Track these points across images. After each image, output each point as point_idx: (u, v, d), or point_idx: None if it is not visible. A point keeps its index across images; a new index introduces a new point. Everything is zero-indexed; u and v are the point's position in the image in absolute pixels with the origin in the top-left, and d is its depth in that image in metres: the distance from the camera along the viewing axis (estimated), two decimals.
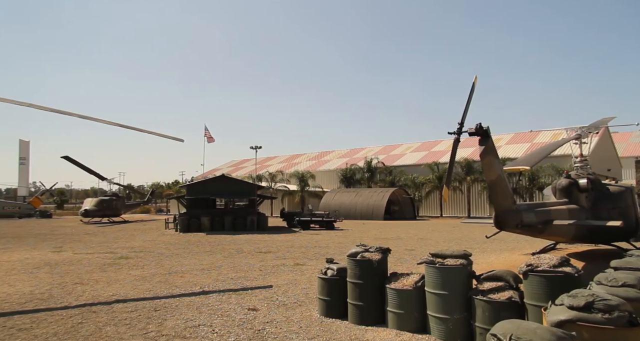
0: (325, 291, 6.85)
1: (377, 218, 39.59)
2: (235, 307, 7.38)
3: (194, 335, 5.87)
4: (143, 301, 7.89)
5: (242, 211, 29.31)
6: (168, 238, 21.71)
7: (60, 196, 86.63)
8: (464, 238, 20.84)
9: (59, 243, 19.28)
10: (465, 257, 5.71)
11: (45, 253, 15.44)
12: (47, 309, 7.36)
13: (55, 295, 8.43)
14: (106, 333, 5.94)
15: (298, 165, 63.23)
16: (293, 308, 7.30)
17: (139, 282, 9.74)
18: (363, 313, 6.33)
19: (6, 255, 15.24)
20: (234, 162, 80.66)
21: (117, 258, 14.00)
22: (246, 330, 6.06)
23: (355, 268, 6.47)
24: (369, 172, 50.82)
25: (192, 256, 14.47)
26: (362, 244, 6.95)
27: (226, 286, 9.21)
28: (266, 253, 15.20)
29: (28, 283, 9.78)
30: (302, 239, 20.81)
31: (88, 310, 7.24)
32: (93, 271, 11.26)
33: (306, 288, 8.99)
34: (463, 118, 8.85)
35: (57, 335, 5.90)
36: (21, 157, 64.42)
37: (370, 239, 20.33)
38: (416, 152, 56.09)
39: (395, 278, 6.36)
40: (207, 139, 55.93)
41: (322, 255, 14.49)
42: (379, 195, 42.06)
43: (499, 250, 15.63)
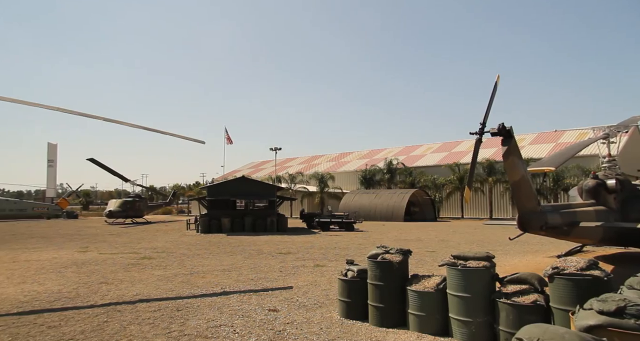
0: (345, 292, 6.83)
1: (397, 219, 39.31)
2: (255, 308, 7.42)
3: (215, 335, 5.93)
4: (166, 301, 8.01)
5: (262, 212, 29.49)
6: (189, 239, 22.01)
7: (85, 197, 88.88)
8: (485, 240, 20.49)
9: (85, 244, 19.76)
10: (488, 259, 5.61)
11: (72, 253, 15.85)
12: (75, 307, 7.55)
13: (81, 294, 8.64)
14: (130, 332, 6.05)
15: (317, 167, 63.31)
16: (313, 310, 7.30)
17: (162, 282, 9.89)
18: (384, 315, 6.29)
19: (36, 254, 15.71)
20: (254, 164, 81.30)
21: (140, 258, 14.27)
22: (267, 331, 6.09)
23: (376, 269, 6.43)
24: (389, 173, 50.49)
25: (213, 257, 14.63)
26: (382, 246, 6.90)
27: (247, 287, 9.27)
28: (286, 254, 15.26)
29: (56, 282, 10.05)
30: (321, 240, 20.82)
31: (113, 309, 7.39)
32: (117, 271, 11.50)
33: (326, 289, 8.98)
34: (485, 118, 8.71)
35: (84, 332, 6.05)
36: (49, 160, 66.30)
37: (391, 240, 20.19)
38: (437, 153, 55.48)
39: (416, 280, 6.29)
40: (227, 141, 56.54)
41: (342, 256, 14.46)
42: (399, 196, 41.75)
43: (523, 252, 15.31)
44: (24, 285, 9.73)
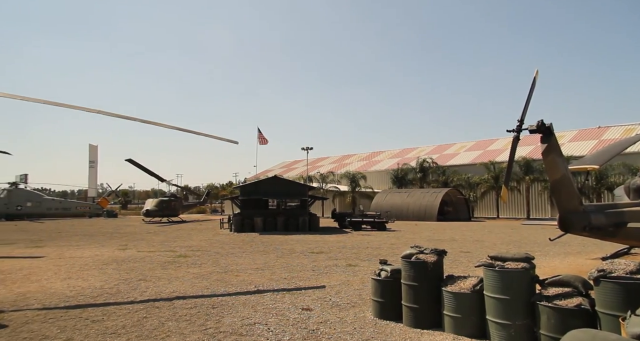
0: (379, 292, 6.78)
1: (429, 219, 38.73)
2: (289, 307, 7.47)
3: (250, 332, 6.01)
4: (201, 298, 8.18)
5: (294, 211, 29.69)
6: (223, 238, 22.43)
7: (124, 197, 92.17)
8: (523, 241, 19.88)
9: (124, 242, 20.48)
10: (527, 260, 5.42)
11: (113, 251, 16.46)
12: (116, 303, 7.83)
13: (122, 290, 8.95)
14: (168, 328, 6.22)
15: (349, 166, 63.16)
16: (346, 309, 7.29)
17: (197, 280, 10.11)
18: (418, 316, 6.20)
19: (79, 251, 16.41)
20: (285, 163, 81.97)
21: (176, 256, 14.64)
22: (300, 330, 6.12)
23: (410, 270, 6.35)
24: (421, 172, 49.81)
25: (247, 255, 14.84)
26: (416, 245, 6.80)
27: (280, 286, 9.35)
28: (318, 253, 15.30)
29: (98, 278, 10.46)
30: (353, 240, 20.76)
31: (151, 305, 7.61)
32: (155, 269, 11.84)
33: (359, 289, 8.94)
34: (523, 115, 8.44)
35: (125, 327, 6.26)
36: (90, 161, 69.13)
37: (424, 240, 19.90)
38: (470, 151, 54.26)
39: (451, 281, 6.17)
40: (259, 141, 57.20)
41: (375, 256, 14.37)
42: (432, 196, 41.12)
43: (563, 253, 14.76)
44: (70, 280, 10.18)
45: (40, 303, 7.88)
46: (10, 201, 47.28)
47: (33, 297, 8.34)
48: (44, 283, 9.81)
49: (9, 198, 47.39)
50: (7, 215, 46.50)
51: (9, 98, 9.78)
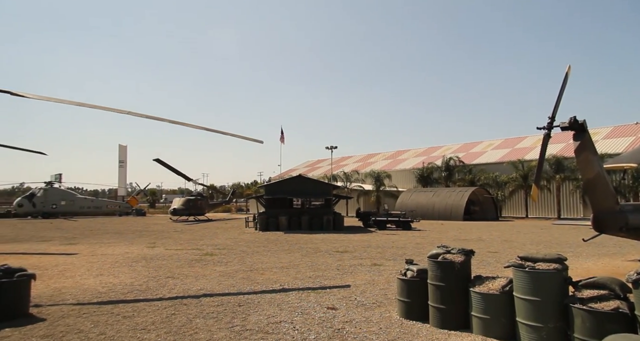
0: (405, 292, 6.70)
1: (456, 218, 38.11)
2: (314, 305, 7.48)
3: (276, 331, 6.04)
4: (228, 296, 8.28)
5: (319, 210, 29.73)
6: (248, 237, 22.66)
7: (152, 196, 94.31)
8: (554, 241, 19.32)
9: (153, 240, 20.95)
10: (559, 261, 5.25)
11: (142, 249, 16.86)
12: (145, 300, 8.01)
13: (151, 287, 9.15)
14: (196, 325, 6.32)
15: (373, 165, 62.78)
16: (372, 309, 7.24)
17: (224, 278, 10.25)
18: (445, 316, 6.10)
19: (110, 248, 16.89)
20: (310, 162, 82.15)
21: (203, 254, 14.87)
22: (326, 329, 6.11)
23: (437, 270, 6.25)
24: (447, 170, 49.02)
25: (272, 254, 14.95)
26: (443, 245, 6.69)
27: (305, 285, 9.37)
28: (343, 252, 15.26)
29: (129, 275, 10.73)
30: (378, 239, 20.63)
31: (179, 303, 7.75)
32: (182, 267, 12.06)
33: (384, 288, 8.87)
34: (554, 111, 8.18)
35: (155, 323, 6.40)
36: (120, 160, 71.05)
37: (450, 240, 19.59)
38: (498, 149, 53.06)
39: (479, 281, 6.04)
40: (281, 140, 57.55)
41: (400, 255, 14.24)
42: (458, 195, 40.44)
43: (598, 254, 14.26)
44: (102, 277, 10.49)
45: (75, 298, 8.14)
46: (46, 200, 49.10)
47: (68, 292, 8.63)
48: (78, 279, 10.14)
49: (45, 197, 49.22)
50: (44, 213, 48.33)
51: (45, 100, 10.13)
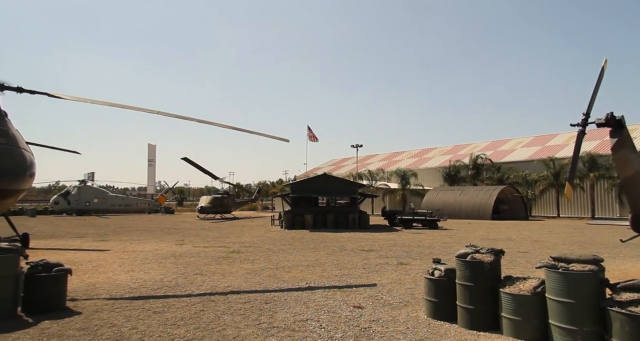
0: (432, 292, 6.62)
1: (484, 217, 37.37)
2: (340, 304, 7.47)
3: (302, 328, 6.07)
4: (255, 293, 8.38)
5: (344, 209, 29.69)
6: (274, 235, 22.84)
7: (180, 194, 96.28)
8: (588, 242, 18.70)
9: (181, 237, 21.39)
10: (595, 262, 5.08)
11: (170, 246, 17.24)
12: (174, 296, 8.19)
13: (180, 284, 9.34)
14: (224, 321, 6.42)
15: (399, 163, 62.21)
16: (399, 308, 7.18)
17: (250, 275, 10.36)
18: (474, 317, 5.99)
19: (140, 245, 17.34)
20: (335, 161, 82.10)
21: (230, 252, 15.09)
22: (352, 327, 6.10)
23: (465, 269, 6.14)
24: (475, 169, 48.11)
25: (297, 252, 15.02)
26: (472, 244, 6.58)
27: (331, 283, 9.38)
28: (369, 251, 15.20)
29: (158, 271, 10.99)
30: (404, 238, 20.45)
31: (207, 299, 7.89)
32: (210, 264, 12.27)
33: (411, 288, 8.79)
34: (589, 107, 7.91)
35: (184, 319, 6.53)
36: (149, 159, 72.94)
37: (478, 240, 19.22)
38: (528, 147, 51.69)
39: (510, 282, 5.90)
40: (309, 139, 57.58)
41: (427, 254, 14.07)
42: (486, 194, 39.64)
43: (637, 256, 13.73)
44: (133, 273, 10.78)
45: (108, 293, 8.40)
46: (80, 197, 50.86)
47: (101, 287, 8.92)
48: (110, 275, 10.46)
49: (79, 195, 50.99)
50: (78, 210, 50.11)
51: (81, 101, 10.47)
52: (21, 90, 11.45)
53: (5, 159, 10.65)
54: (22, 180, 11.25)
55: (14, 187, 11.05)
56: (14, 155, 10.99)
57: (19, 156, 11.18)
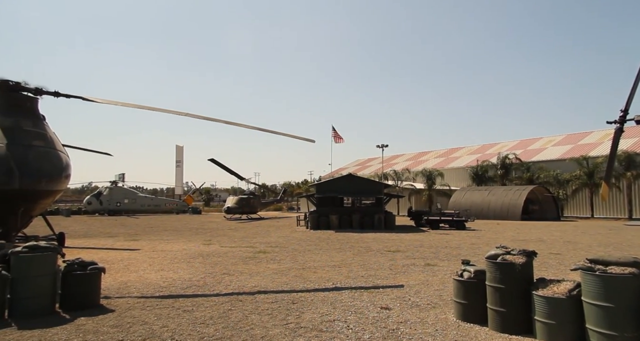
0: (461, 294, 6.50)
1: (513, 218, 36.47)
2: (367, 305, 7.43)
3: (330, 329, 6.06)
4: (281, 293, 8.41)
5: (369, 209, 29.53)
6: (300, 235, 22.91)
7: (207, 194, 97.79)
8: (625, 243, 17.99)
9: (208, 237, 21.72)
10: (636, 265, 4.86)
11: (198, 245, 17.52)
12: (203, 295, 8.32)
13: (208, 283, 9.48)
14: (252, 321, 6.47)
15: (425, 163, 61.45)
16: (427, 310, 7.08)
17: (277, 276, 10.42)
18: (505, 320, 5.84)
19: (169, 245, 17.70)
20: (360, 161, 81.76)
21: (256, 252, 15.22)
22: (380, 329, 6.05)
23: (496, 271, 6.00)
24: (503, 168, 47.00)
25: (323, 252, 15.02)
26: (502, 246, 6.42)
27: (357, 284, 9.33)
28: (395, 252, 15.06)
29: (187, 271, 11.19)
30: (431, 239, 20.17)
31: (235, 299, 7.97)
32: (237, 264, 12.41)
33: (439, 289, 8.66)
34: (628, 104, 7.61)
35: (213, 318, 6.63)
36: (177, 160, 74.28)
37: (507, 241, 18.76)
38: (559, 146, 50.15)
39: (543, 284, 5.73)
40: (334, 139, 57.52)
41: (454, 256, 13.84)
42: (515, 194, 38.67)
43: None
44: (163, 272, 11.01)
45: (139, 291, 8.61)
46: (111, 198, 52.38)
47: (133, 286, 9.14)
48: (141, 274, 10.71)
49: (111, 195, 52.51)
50: (109, 210, 51.62)
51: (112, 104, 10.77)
52: (58, 94, 11.90)
53: (43, 161, 11.07)
54: (59, 181, 11.67)
55: (52, 188, 11.47)
56: (51, 158, 11.41)
57: (56, 158, 11.60)
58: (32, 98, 12.13)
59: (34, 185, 10.79)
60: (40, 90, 11.94)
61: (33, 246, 7.13)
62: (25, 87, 11.86)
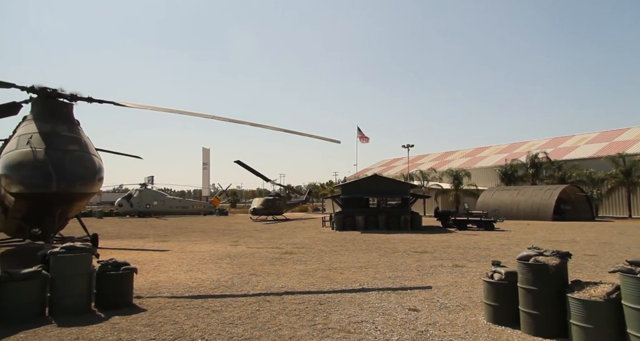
0: (492, 296, 6.36)
1: (544, 218, 35.49)
2: (395, 306, 7.36)
3: (357, 330, 6.03)
4: (308, 294, 8.43)
5: (395, 210, 29.30)
6: (325, 236, 22.92)
7: (233, 196, 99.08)
8: None
9: (235, 238, 21.99)
10: None
11: (225, 246, 17.76)
12: (231, 295, 8.42)
13: (236, 284, 9.60)
14: (279, 322, 6.51)
15: (451, 163, 60.54)
16: (456, 312, 6.96)
17: (304, 276, 10.45)
18: (539, 323, 5.69)
19: (197, 246, 18.01)
20: (385, 161, 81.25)
21: (282, 253, 15.31)
22: (409, 331, 5.99)
23: (528, 273, 5.85)
24: (533, 167, 45.79)
25: (349, 253, 14.98)
26: (534, 246, 6.25)
27: (384, 285, 9.26)
28: (422, 253, 14.88)
29: (215, 271, 11.36)
30: (459, 239, 19.83)
31: (263, 299, 8.04)
32: (264, 264, 12.51)
33: (468, 291, 8.50)
34: None
35: (241, 318, 6.70)
36: (204, 163, 75.65)
37: (539, 241, 18.25)
38: (593, 144, 48.51)
39: (578, 286, 5.54)
40: (360, 140, 57.34)
41: (483, 257, 13.57)
42: (546, 193, 37.61)
43: None
44: (191, 272, 11.21)
45: (169, 291, 8.79)
46: (141, 200, 53.74)
47: (163, 286, 9.35)
48: (171, 274, 10.94)
49: (140, 197, 53.88)
50: (139, 212, 52.95)
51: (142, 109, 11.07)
52: (91, 100, 12.32)
53: (77, 165, 11.46)
54: (93, 184, 12.05)
55: (86, 190, 11.86)
56: (85, 161, 11.79)
57: (90, 162, 11.99)
58: (68, 104, 12.59)
59: (70, 188, 11.17)
60: (75, 96, 12.38)
61: (70, 247, 7.41)
62: (62, 94, 12.33)
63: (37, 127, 11.71)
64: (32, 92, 12.05)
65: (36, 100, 12.36)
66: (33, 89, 11.98)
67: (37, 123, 11.88)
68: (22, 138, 11.46)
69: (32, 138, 11.27)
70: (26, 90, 11.90)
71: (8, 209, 12.71)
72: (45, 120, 11.97)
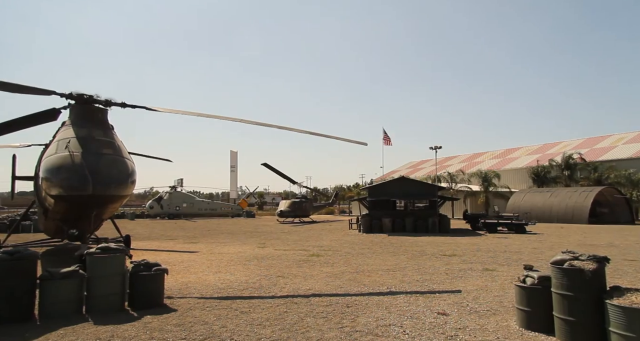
0: (524, 301, 6.20)
1: (579, 221, 34.30)
2: (423, 310, 7.27)
3: (385, 333, 5.99)
4: (336, 297, 8.42)
5: (423, 212, 28.92)
6: (352, 238, 22.84)
7: (260, 198, 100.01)
8: None
9: (262, 240, 22.18)
10: None
11: (253, 248, 17.95)
12: (259, 297, 8.51)
13: (264, 285, 9.68)
14: (307, 324, 6.53)
15: (480, 164, 59.35)
16: (487, 317, 6.81)
17: (331, 279, 10.45)
18: (575, 330, 5.50)
19: (225, 248, 18.27)
20: (412, 163, 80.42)
21: (309, 255, 15.34)
22: (437, 335, 5.90)
23: (563, 277, 5.66)
24: (567, 168, 44.33)
25: (376, 256, 14.88)
26: (569, 251, 6.05)
27: (412, 288, 9.16)
28: (451, 256, 14.63)
29: (243, 273, 11.50)
30: (489, 243, 19.39)
31: (290, 301, 8.08)
32: (291, 266, 12.57)
33: (499, 295, 8.31)
34: None
35: (269, 320, 6.76)
36: (231, 165, 76.69)
37: (573, 245, 17.66)
38: (632, 144, 46.60)
39: (618, 292, 5.32)
40: (384, 142, 57.01)
41: (515, 260, 13.23)
42: (581, 195, 36.34)
43: None
44: (220, 274, 11.39)
45: (199, 292, 8.95)
46: (171, 202, 54.94)
47: (193, 287, 9.53)
48: (200, 275, 11.13)
49: (170, 200, 55.09)
50: (169, 214, 54.15)
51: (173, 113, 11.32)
52: (125, 105, 12.72)
53: (112, 168, 11.84)
54: (126, 186, 12.42)
55: (120, 193, 12.22)
56: (119, 165, 12.17)
57: (123, 165, 12.36)
58: (103, 109, 13.05)
59: (104, 191, 11.55)
60: (109, 102, 12.81)
61: (105, 247, 7.66)
62: (97, 100, 12.79)
63: (75, 131, 12.17)
64: (70, 98, 12.54)
65: (74, 106, 12.85)
66: (71, 96, 12.46)
67: (75, 128, 12.34)
68: (61, 143, 11.93)
69: (70, 143, 11.72)
70: (65, 97, 12.39)
71: (48, 211, 13.24)
72: (82, 125, 12.43)
